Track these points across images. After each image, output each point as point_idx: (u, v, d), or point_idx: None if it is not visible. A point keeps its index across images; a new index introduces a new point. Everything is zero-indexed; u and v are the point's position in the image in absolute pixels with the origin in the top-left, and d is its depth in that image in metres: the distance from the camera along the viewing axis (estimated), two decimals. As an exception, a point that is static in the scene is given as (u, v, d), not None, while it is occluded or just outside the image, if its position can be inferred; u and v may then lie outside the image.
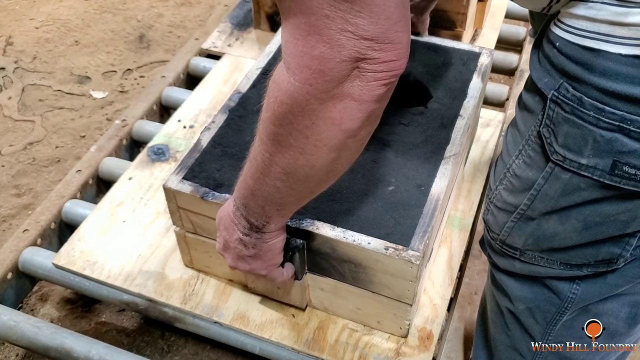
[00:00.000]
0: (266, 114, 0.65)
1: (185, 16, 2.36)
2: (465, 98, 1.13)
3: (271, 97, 0.63)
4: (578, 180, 0.65)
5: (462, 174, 1.26)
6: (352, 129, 0.62)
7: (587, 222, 0.68)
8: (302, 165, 0.67)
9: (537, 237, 0.74)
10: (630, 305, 0.79)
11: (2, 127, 1.90)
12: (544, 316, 0.81)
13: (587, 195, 0.66)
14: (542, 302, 0.80)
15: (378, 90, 0.59)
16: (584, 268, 0.73)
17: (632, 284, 0.76)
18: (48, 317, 1.38)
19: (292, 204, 0.78)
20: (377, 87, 0.58)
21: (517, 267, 0.79)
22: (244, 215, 0.80)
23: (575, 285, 0.76)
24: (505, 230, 0.77)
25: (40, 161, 1.78)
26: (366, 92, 0.59)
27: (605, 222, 0.68)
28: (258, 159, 0.71)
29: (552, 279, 0.77)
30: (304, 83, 0.58)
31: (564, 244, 0.72)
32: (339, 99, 0.59)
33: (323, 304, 1.05)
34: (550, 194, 0.69)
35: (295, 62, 0.58)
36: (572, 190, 0.67)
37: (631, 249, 0.70)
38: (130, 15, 2.36)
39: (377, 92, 0.59)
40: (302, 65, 0.58)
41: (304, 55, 0.57)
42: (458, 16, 1.50)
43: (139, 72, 2.10)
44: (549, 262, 0.75)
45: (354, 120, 0.61)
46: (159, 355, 1.30)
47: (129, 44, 2.22)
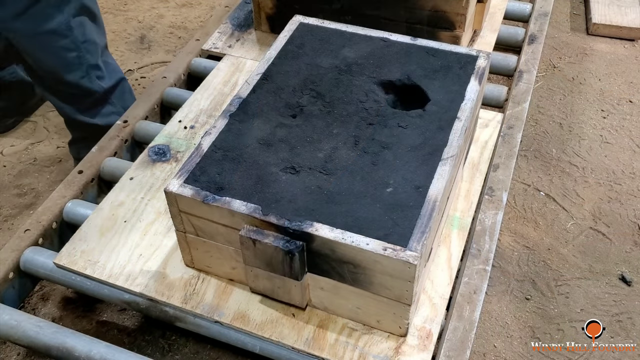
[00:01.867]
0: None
1: (186, 17, 2.36)
2: (462, 100, 1.14)
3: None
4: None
5: (461, 174, 1.27)
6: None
7: None
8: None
9: None
10: None
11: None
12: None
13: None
14: None
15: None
16: None
17: None
18: (49, 316, 1.39)
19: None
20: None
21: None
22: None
23: None
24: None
25: (42, 161, 1.79)
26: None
27: None
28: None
29: None
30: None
31: None
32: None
33: (323, 304, 1.06)
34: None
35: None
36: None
37: None
38: (131, 16, 2.37)
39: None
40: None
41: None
42: (457, 17, 1.50)
43: (140, 73, 2.11)
44: None
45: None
46: (159, 354, 1.31)
47: (130, 45, 2.23)
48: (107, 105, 1.62)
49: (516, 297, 1.46)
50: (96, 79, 1.55)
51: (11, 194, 1.70)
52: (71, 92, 1.55)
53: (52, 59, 1.48)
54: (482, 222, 1.23)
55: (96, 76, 1.55)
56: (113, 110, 1.60)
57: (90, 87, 1.55)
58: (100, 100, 1.60)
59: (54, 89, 1.56)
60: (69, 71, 1.50)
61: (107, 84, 1.59)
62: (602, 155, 1.81)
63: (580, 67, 2.14)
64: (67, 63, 1.49)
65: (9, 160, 1.80)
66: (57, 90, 1.56)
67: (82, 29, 1.48)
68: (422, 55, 1.24)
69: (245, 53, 1.66)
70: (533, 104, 1.96)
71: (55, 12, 1.41)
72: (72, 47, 1.47)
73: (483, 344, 1.37)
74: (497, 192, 1.28)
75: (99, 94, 1.58)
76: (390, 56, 1.23)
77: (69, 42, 1.46)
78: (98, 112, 1.61)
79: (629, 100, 2.00)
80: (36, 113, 1.95)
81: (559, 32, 2.30)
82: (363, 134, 1.09)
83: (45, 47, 1.46)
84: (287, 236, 0.95)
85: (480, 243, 1.19)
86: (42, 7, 1.39)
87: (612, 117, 1.94)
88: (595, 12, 2.30)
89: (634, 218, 1.64)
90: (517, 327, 1.40)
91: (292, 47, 1.27)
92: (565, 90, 2.04)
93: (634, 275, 1.50)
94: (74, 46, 1.48)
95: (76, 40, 1.47)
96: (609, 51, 2.21)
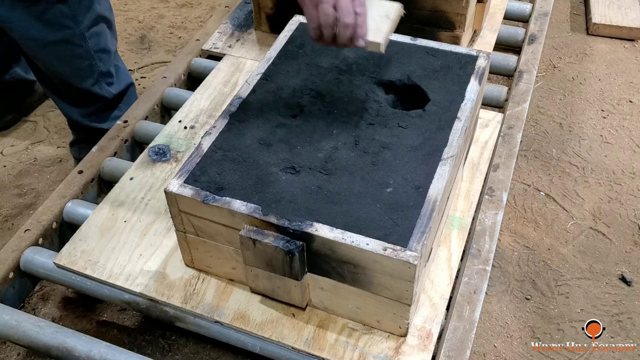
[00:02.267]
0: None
1: (186, 17, 2.37)
2: (462, 101, 1.14)
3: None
4: None
5: (461, 174, 1.27)
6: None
7: None
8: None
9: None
10: None
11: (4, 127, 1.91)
12: None
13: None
14: None
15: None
16: None
17: None
18: (49, 316, 1.39)
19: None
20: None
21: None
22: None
23: None
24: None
25: (42, 161, 1.80)
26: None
27: None
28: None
29: None
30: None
31: None
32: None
33: (323, 304, 1.06)
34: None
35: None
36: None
37: None
38: (131, 16, 2.37)
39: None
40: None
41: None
42: (457, 17, 1.51)
43: (140, 73, 2.11)
44: None
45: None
46: (160, 354, 1.31)
47: (130, 45, 2.23)
48: (114, 111, 1.62)
49: (516, 297, 1.46)
50: (106, 85, 1.55)
51: (11, 194, 1.70)
52: (80, 97, 1.54)
53: (64, 67, 1.47)
54: (482, 222, 1.23)
55: (106, 83, 1.55)
56: (119, 115, 1.60)
57: (100, 93, 1.54)
58: (108, 106, 1.60)
59: (63, 94, 1.55)
60: (80, 78, 1.50)
61: (117, 90, 1.59)
62: (602, 155, 1.81)
63: (580, 67, 2.14)
64: (79, 71, 1.48)
65: (9, 160, 1.80)
66: (65, 95, 1.55)
67: (97, 38, 1.47)
68: (422, 55, 1.24)
69: (245, 53, 1.66)
70: (533, 104, 1.96)
71: (71, 23, 1.40)
72: (85, 56, 1.46)
73: (483, 344, 1.37)
74: (497, 192, 1.28)
75: (108, 100, 1.58)
76: (390, 56, 1.23)
77: (83, 51, 1.45)
78: (105, 117, 1.61)
79: (629, 100, 2.00)
80: (36, 113, 1.95)
81: (559, 32, 2.30)
82: (363, 134, 1.09)
83: (58, 55, 1.44)
84: (287, 236, 0.95)
85: (480, 243, 1.19)
86: (57, 17, 1.37)
87: (612, 117, 1.94)
88: (595, 12, 2.30)
89: (634, 218, 1.64)
90: (517, 327, 1.40)
91: (292, 47, 1.27)
92: (565, 90, 2.04)
93: (634, 275, 1.50)
94: (87, 55, 1.46)
95: (89, 50, 1.46)
96: (609, 51, 2.21)
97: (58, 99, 1.58)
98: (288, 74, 1.21)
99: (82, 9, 1.41)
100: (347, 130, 1.10)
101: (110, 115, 1.61)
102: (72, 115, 1.60)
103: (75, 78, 1.49)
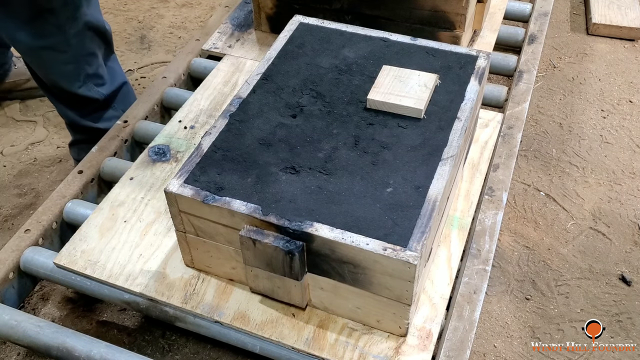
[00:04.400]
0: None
1: (186, 17, 2.37)
2: (462, 101, 1.14)
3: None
4: None
5: (461, 174, 1.27)
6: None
7: None
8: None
9: None
10: None
11: (4, 127, 1.91)
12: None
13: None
14: None
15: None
16: None
17: None
18: (49, 316, 1.39)
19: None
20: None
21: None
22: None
23: None
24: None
25: (42, 161, 1.80)
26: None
27: None
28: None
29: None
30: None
31: None
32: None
33: (323, 304, 1.06)
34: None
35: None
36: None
37: None
38: (131, 16, 2.37)
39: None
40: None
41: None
42: (457, 17, 1.51)
43: (140, 73, 2.11)
44: None
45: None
46: (159, 354, 1.31)
47: (130, 45, 2.23)
48: (109, 110, 1.62)
49: (516, 297, 1.46)
50: (95, 87, 1.55)
51: (11, 194, 1.70)
52: (71, 99, 1.55)
53: (51, 70, 1.48)
54: (482, 222, 1.23)
55: (95, 84, 1.55)
56: (115, 115, 1.60)
57: (89, 95, 1.55)
58: (102, 106, 1.60)
59: (57, 96, 1.56)
60: (67, 81, 1.50)
61: (108, 90, 1.59)
62: (602, 155, 1.81)
63: (580, 67, 2.14)
64: (65, 74, 1.49)
65: (9, 160, 1.80)
66: (59, 97, 1.56)
67: (83, 44, 1.47)
68: (422, 55, 1.24)
69: (245, 53, 1.66)
70: (533, 104, 1.96)
71: (56, 31, 1.40)
72: (70, 60, 1.47)
73: (483, 344, 1.37)
74: (497, 192, 1.28)
75: (100, 101, 1.58)
76: (390, 56, 1.23)
77: (68, 56, 1.46)
78: (100, 117, 1.61)
79: (629, 100, 2.00)
80: (36, 113, 1.96)
81: (559, 32, 2.30)
82: (363, 134, 1.09)
83: (44, 60, 1.46)
84: (287, 236, 0.95)
85: (480, 243, 1.19)
86: (43, 24, 1.38)
87: (612, 117, 1.94)
88: (595, 12, 2.30)
89: (634, 218, 1.64)
90: (517, 327, 1.40)
91: (292, 47, 1.27)
92: (565, 90, 2.04)
93: (634, 275, 1.50)
94: (72, 59, 1.47)
95: (75, 54, 1.47)
96: (609, 51, 2.21)
97: (53, 100, 1.59)
98: (288, 74, 1.21)
99: (70, 19, 1.41)
100: (347, 130, 1.10)
101: (104, 114, 1.61)
102: (67, 115, 1.60)
103: (63, 81, 1.50)
